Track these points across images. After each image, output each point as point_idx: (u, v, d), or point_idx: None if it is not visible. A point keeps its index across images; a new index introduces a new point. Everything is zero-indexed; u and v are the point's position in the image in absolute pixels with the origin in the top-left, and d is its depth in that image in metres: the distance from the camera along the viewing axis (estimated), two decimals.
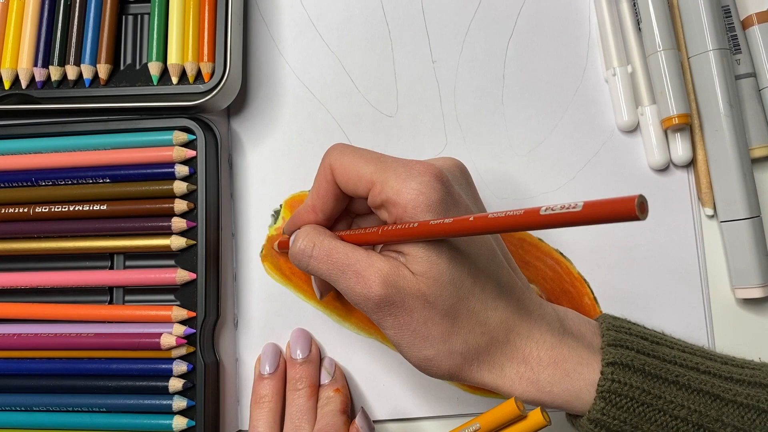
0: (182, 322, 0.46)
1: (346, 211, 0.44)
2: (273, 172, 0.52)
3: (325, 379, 0.48)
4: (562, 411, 0.40)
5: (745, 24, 0.51)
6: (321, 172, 0.42)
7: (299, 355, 0.48)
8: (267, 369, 0.48)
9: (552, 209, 0.28)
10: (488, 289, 0.38)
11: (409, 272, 0.37)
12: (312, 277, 0.48)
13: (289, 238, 0.45)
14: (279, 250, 0.50)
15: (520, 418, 0.35)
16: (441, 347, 0.38)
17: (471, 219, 0.33)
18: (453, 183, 0.38)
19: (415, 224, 0.36)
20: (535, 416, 0.36)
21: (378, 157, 0.40)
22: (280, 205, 0.51)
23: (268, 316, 0.50)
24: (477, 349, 0.38)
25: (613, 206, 0.26)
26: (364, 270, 0.38)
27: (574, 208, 0.27)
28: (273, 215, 0.51)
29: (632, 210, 0.25)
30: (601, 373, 0.38)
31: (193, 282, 0.47)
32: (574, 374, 0.38)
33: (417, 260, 0.37)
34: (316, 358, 0.49)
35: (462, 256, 0.37)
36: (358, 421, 0.44)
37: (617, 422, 0.37)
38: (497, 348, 0.38)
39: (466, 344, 0.38)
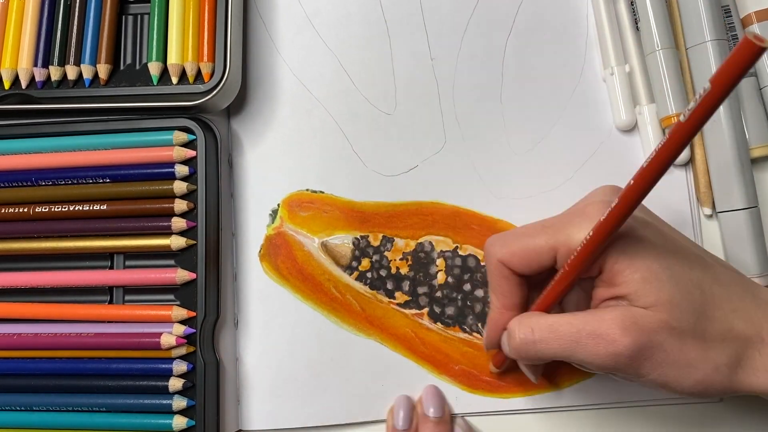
0: (182, 322, 0.47)
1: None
2: (271, 171, 0.52)
3: None
4: None
5: (745, 22, 0.51)
6: (494, 272, 0.41)
7: (433, 413, 0.47)
8: (401, 423, 0.47)
9: (689, 109, 0.27)
10: (715, 290, 0.37)
11: (641, 309, 0.36)
12: (519, 363, 0.46)
13: (496, 353, 0.45)
14: (499, 370, 0.48)
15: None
16: (705, 367, 0.36)
17: (631, 182, 0.32)
18: None
19: (591, 233, 0.35)
20: None
21: (541, 225, 0.40)
22: (278, 205, 0.51)
23: (268, 316, 0.50)
24: (737, 356, 0.36)
25: (735, 59, 0.24)
26: (599, 329, 0.36)
27: (704, 92, 0.26)
28: (271, 215, 0.51)
29: (753, 47, 0.24)
30: None
31: (193, 282, 0.47)
32: None
33: (641, 294, 0.36)
34: (449, 418, 0.48)
35: (674, 268, 0.36)
36: None
37: None
38: (754, 349, 0.37)
39: (725, 355, 0.36)
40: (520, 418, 0.49)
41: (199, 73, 0.49)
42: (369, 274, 0.50)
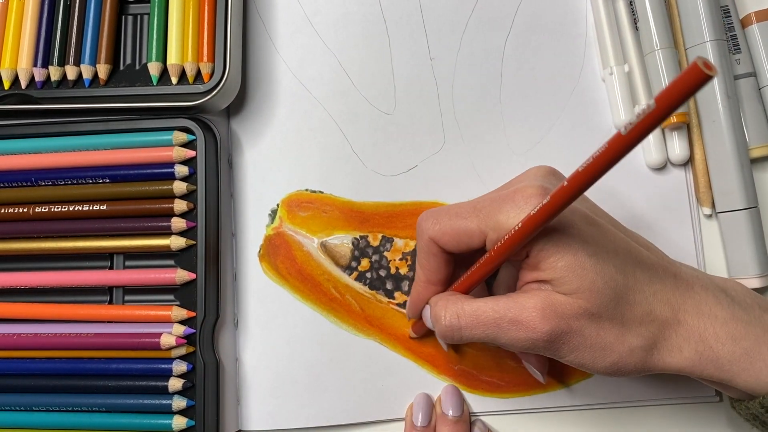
0: (182, 322, 0.47)
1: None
2: (270, 171, 0.52)
3: None
4: (724, 391, 0.40)
5: (744, 23, 0.51)
6: (423, 247, 0.42)
7: (452, 413, 0.47)
8: (420, 420, 0.47)
9: (631, 123, 0.27)
10: (638, 275, 0.38)
11: (562, 295, 0.37)
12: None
13: (416, 322, 0.46)
14: (417, 336, 0.49)
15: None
16: (621, 350, 0.37)
17: (565, 183, 0.32)
18: None
19: (519, 225, 0.35)
20: None
21: (473, 206, 0.40)
22: (277, 205, 0.51)
23: (267, 316, 0.50)
24: (653, 338, 0.38)
25: (682, 82, 0.25)
26: (519, 315, 0.37)
27: (649, 109, 0.26)
28: (270, 215, 0.51)
29: (700, 73, 0.24)
30: None
31: (192, 282, 0.47)
32: (754, 354, 0.38)
33: (564, 280, 0.36)
34: (468, 418, 0.48)
35: (599, 255, 0.37)
36: None
37: None
38: (671, 330, 0.38)
39: (641, 337, 0.37)
40: (519, 418, 0.49)
41: (198, 74, 0.49)
42: (368, 274, 0.50)
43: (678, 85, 0.25)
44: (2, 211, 0.49)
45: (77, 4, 0.50)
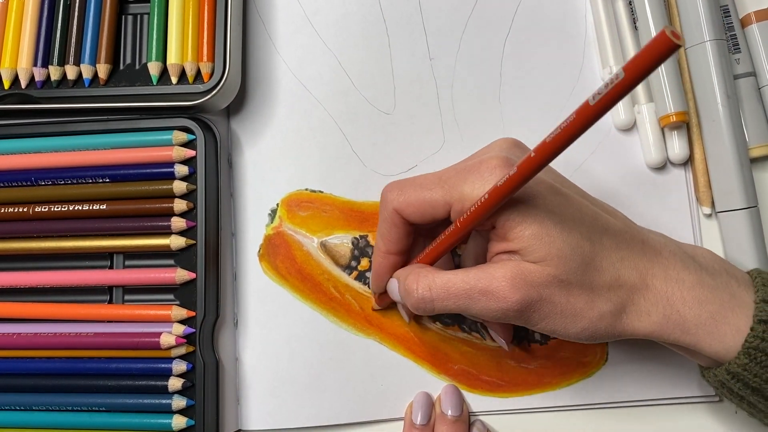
0: (182, 322, 0.47)
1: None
2: (270, 171, 0.52)
3: None
4: (693, 359, 0.41)
5: (744, 22, 0.51)
6: (387, 218, 0.42)
7: (451, 413, 0.47)
8: (419, 419, 0.47)
9: (599, 93, 0.28)
10: (605, 242, 0.38)
11: (531, 264, 0.37)
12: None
13: (379, 295, 0.47)
14: (381, 308, 0.50)
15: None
16: (591, 315, 0.38)
17: (532, 154, 0.32)
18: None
19: (486, 195, 0.36)
20: None
21: (438, 178, 0.40)
22: (277, 204, 0.51)
23: (267, 316, 0.50)
24: (622, 303, 0.38)
25: (649, 51, 0.25)
26: (489, 285, 0.37)
27: (617, 78, 0.27)
28: (270, 214, 0.51)
29: (668, 42, 0.24)
30: (752, 329, 0.37)
31: (192, 281, 0.47)
32: (719, 318, 0.38)
33: (531, 249, 0.37)
34: (467, 418, 0.48)
35: (565, 222, 0.37)
36: None
37: (757, 380, 0.37)
38: (639, 295, 0.38)
39: (610, 302, 0.38)
40: (518, 417, 0.49)
41: (198, 73, 0.49)
42: (368, 274, 0.50)
43: (646, 54, 0.25)
44: (2, 210, 0.49)
45: (77, 4, 0.50)
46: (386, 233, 0.43)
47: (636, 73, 0.26)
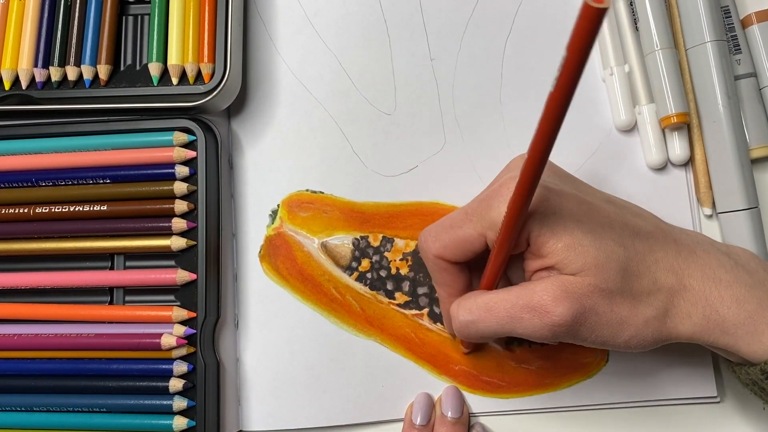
0: (182, 323, 0.47)
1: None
2: (270, 172, 0.52)
3: None
4: (729, 358, 0.40)
5: (745, 23, 0.51)
6: (433, 267, 0.43)
7: (451, 414, 0.47)
8: (419, 420, 0.47)
9: (554, 79, 0.27)
10: (637, 246, 0.38)
11: (570, 276, 0.37)
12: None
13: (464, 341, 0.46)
14: (468, 351, 0.49)
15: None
16: (636, 321, 0.37)
17: (525, 156, 0.32)
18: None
19: (505, 212, 0.35)
20: None
21: (465, 213, 0.40)
22: (278, 205, 0.51)
23: (267, 317, 0.50)
24: (664, 307, 0.38)
25: (580, 24, 0.25)
26: (531, 300, 0.37)
27: (563, 60, 0.26)
28: (270, 215, 0.51)
29: (592, 9, 0.24)
30: None
31: (193, 282, 0.47)
32: (757, 317, 0.38)
33: (567, 261, 0.37)
34: (467, 420, 0.48)
35: (596, 231, 0.37)
36: None
37: None
38: (678, 297, 0.38)
39: (652, 307, 0.38)
40: (519, 418, 0.49)
41: (199, 74, 0.49)
42: (369, 275, 0.50)
43: (579, 28, 0.25)
44: (3, 211, 0.49)
45: (78, 5, 0.50)
46: (439, 279, 0.43)
47: (576, 48, 0.26)
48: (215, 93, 0.48)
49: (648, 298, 0.38)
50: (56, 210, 0.48)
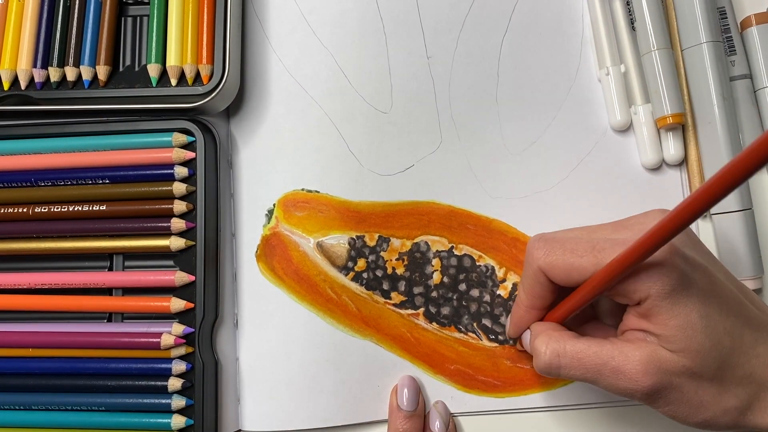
0: (181, 319, 0.47)
1: None
2: (266, 171, 0.52)
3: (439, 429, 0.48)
4: None
5: (743, 25, 0.51)
6: (531, 276, 0.41)
7: (406, 406, 0.47)
8: (405, 405, 0.47)
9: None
10: (745, 338, 0.37)
11: (668, 352, 0.36)
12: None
13: (520, 340, 0.46)
14: (522, 349, 0.49)
15: None
16: (716, 408, 0.37)
17: (658, 225, 0.32)
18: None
19: (619, 256, 0.35)
20: None
21: (591, 246, 0.39)
22: (274, 205, 0.51)
23: (264, 317, 0.50)
24: (749, 400, 0.37)
25: None
26: (622, 365, 0.37)
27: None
28: (267, 215, 0.51)
29: None
30: None
31: (192, 282, 0.48)
32: None
33: (673, 339, 0.36)
34: (422, 412, 0.48)
35: (711, 316, 0.36)
36: None
37: None
38: (767, 392, 0.38)
39: (737, 398, 0.37)
40: (515, 417, 0.49)
41: (198, 75, 0.49)
42: (365, 275, 0.50)
43: None
44: (2, 211, 0.49)
45: (77, 5, 0.51)
46: (529, 288, 0.42)
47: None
48: (214, 94, 0.48)
49: (736, 389, 0.37)
50: (55, 210, 0.49)
